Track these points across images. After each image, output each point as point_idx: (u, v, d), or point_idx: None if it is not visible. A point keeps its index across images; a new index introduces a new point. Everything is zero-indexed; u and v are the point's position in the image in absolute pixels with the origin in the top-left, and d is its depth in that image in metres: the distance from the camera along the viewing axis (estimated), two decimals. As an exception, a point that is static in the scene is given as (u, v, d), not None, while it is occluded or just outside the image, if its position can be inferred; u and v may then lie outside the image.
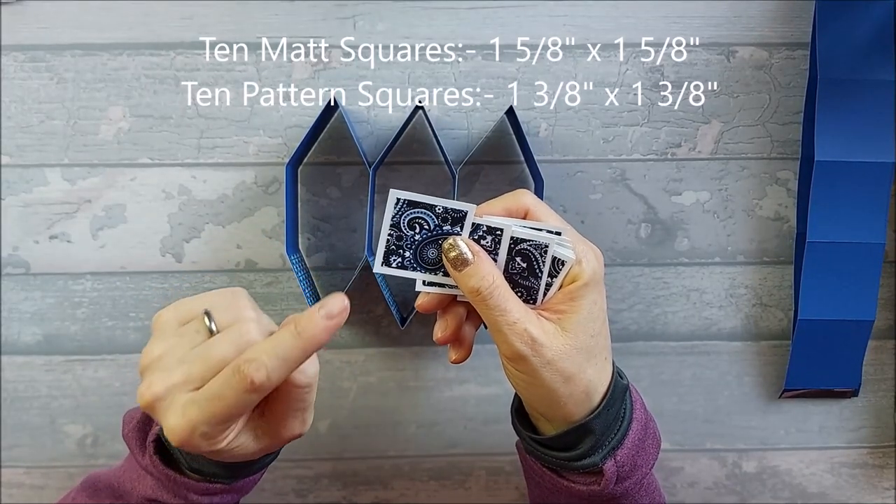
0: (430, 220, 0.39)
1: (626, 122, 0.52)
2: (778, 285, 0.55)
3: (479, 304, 0.39)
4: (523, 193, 0.41)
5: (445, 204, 0.39)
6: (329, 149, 0.52)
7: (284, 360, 0.33)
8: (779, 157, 0.53)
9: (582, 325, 0.39)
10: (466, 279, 0.39)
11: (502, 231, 0.39)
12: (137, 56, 0.50)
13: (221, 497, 0.41)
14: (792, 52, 0.52)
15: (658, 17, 0.51)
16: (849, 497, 0.58)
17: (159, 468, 0.40)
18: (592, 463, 0.40)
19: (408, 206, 0.39)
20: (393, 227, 0.40)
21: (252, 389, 0.32)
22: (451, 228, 0.40)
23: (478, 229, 0.40)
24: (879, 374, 0.56)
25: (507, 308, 0.38)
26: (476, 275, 0.38)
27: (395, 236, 0.40)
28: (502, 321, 0.38)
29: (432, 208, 0.39)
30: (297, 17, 0.50)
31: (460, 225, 0.39)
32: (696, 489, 0.57)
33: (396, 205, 0.39)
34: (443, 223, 0.40)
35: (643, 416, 0.42)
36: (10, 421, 0.54)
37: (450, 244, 0.39)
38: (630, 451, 0.40)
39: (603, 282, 0.40)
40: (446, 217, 0.39)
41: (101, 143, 0.51)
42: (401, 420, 0.56)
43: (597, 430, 0.40)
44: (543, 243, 0.39)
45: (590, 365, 0.39)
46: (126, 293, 0.53)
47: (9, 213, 0.52)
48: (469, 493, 0.57)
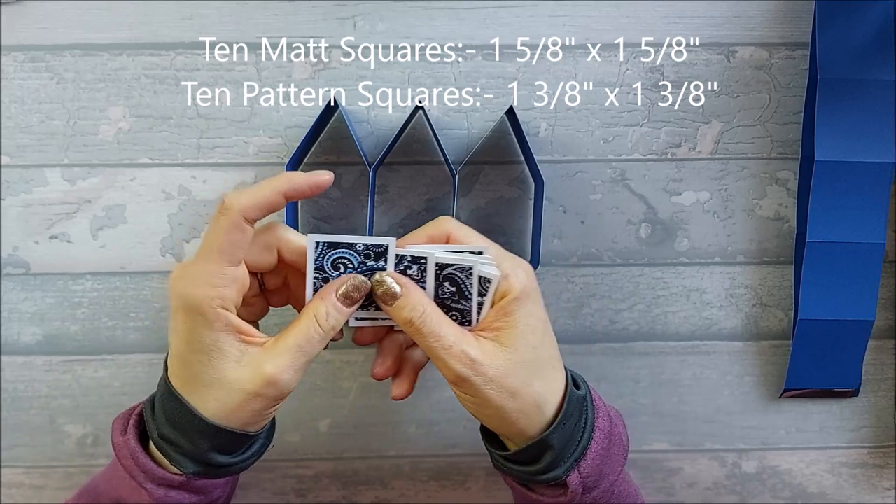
0: (352, 259, 0.40)
1: (626, 122, 0.52)
2: (778, 285, 0.55)
3: (414, 335, 0.39)
4: (444, 220, 0.41)
5: (365, 241, 0.40)
6: (329, 149, 0.52)
7: (257, 193, 0.37)
8: (779, 157, 0.53)
9: (520, 338, 0.39)
10: (398, 312, 0.39)
11: (426, 259, 0.40)
12: (137, 56, 0.50)
13: (178, 493, 0.40)
14: (792, 52, 0.52)
15: (658, 17, 0.51)
16: (849, 497, 0.58)
17: (131, 445, 0.40)
18: (556, 476, 0.40)
19: (328, 247, 0.39)
20: (317, 270, 0.40)
21: (221, 210, 0.37)
22: (376, 263, 0.40)
23: (402, 261, 0.40)
24: (879, 374, 0.56)
25: (441, 333, 0.39)
26: (406, 306, 0.39)
27: (321, 278, 0.40)
28: (438, 347, 0.39)
29: (353, 246, 0.40)
30: (297, 17, 0.50)
31: (384, 259, 0.40)
32: (695, 489, 0.58)
33: (316, 248, 0.39)
34: (366, 259, 0.40)
35: (606, 424, 0.42)
36: (10, 421, 0.54)
37: (377, 280, 0.40)
38: (594, 461, 0.40)
39: (538, 293, 0.41)
40: (368, 253, 0.40)
41: (101, 144, 0.51)
42: (401, 420, 0.56)
43: (556, 445, 0.40)
44: (467, 266, 0.40)
45: (536, 377, 0.40)
46: (126, 293, 0.53)
47: (9, 214, 0.52)
48: (469, 493, 0.57)
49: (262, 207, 0.38)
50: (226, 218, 0.37)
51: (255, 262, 0.39)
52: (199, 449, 0.39)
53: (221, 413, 0.38)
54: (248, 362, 0.38)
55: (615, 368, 0.55)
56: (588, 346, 0.55)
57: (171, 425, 0.39)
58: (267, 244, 0.39)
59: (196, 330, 0.37)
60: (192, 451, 0.39)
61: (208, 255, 0.37)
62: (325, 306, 0.39)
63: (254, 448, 0.42)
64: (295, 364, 0.38)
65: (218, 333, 0.37)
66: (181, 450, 0.39)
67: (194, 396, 0.38)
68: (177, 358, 0.39)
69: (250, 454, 0.42)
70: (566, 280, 0.54)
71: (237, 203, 0.37)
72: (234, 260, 0.37)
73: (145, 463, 0.39)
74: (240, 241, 0.37)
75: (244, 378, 0.37)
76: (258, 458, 0.43)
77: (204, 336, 0.37)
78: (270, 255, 0.40)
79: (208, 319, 0.37)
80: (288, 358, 0.38)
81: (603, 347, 0.55)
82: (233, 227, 0.37)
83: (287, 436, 0.55)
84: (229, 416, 0.38)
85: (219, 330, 0.37)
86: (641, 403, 0.56)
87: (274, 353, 0.38)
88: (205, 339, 0.37)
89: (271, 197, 0.38)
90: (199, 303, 0.37)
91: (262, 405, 0.38)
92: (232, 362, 0.38)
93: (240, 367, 0.38)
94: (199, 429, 0.38)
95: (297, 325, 0.38)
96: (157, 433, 0.40)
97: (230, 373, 0.37)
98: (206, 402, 0.38)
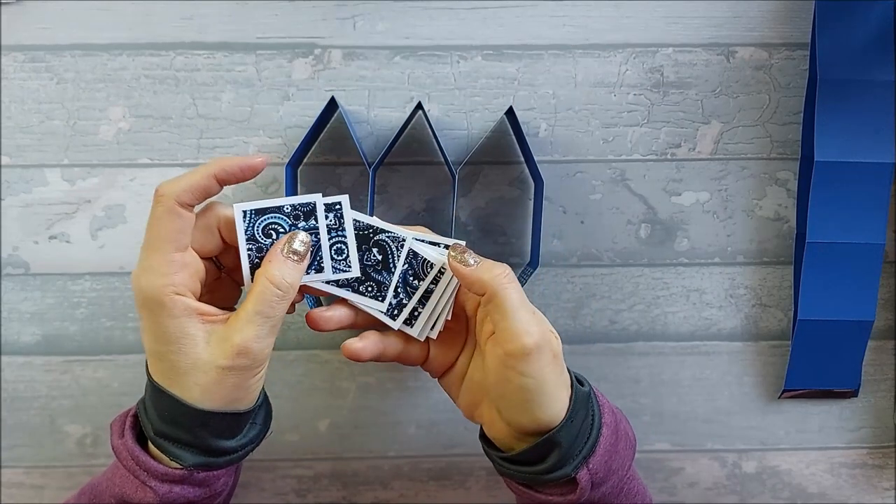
0: (282, 223, 0.40)
1: (626, 122, 0.52)
2: (778, 285, 0.55)
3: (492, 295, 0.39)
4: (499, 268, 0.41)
5: (291, 201, 0.40)
6: (329, 149, 0.52)
7: (188, 178, 0.38)
8: (779, 157, 0.53)
9: None
10: (485, 269, 0.40)
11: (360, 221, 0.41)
12: (137, 56, 0.50)
13: (182, 487, 0.40)
14: (792, 52, 0.52)
15: (658, 17, 0.51)
16: (848, 497, 0.58)
17: (129, 445, 0.40)
18: (565, 474, 0.40)
19: (256, 214, 0.40)
20: (250, 241, 0.40)
21: (156, 198, 0.38)
22: (306, 223, 0.40)
23: (329, 218, 0.40)
24: (879, 374, 0.56)
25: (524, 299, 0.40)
26: (494, 265, 0.40)
27: (254, 248, 0.40)
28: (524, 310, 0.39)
29: (280, 209, 0.40)
30: (297, 17, 0.50)
31: (314, 217, 0.40)
32: (696, 489, 0.58)
33: (244, 217, 0.40)
34: (296, 221, 0.40)
35: (612, 419, 0.42)
36: (10, 421, 0.54)
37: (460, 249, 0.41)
38: (602, 456, 0.41)
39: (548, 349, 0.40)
40: (297, 214, 0.40)
41: (101, 144, 0.51)
42: (401, 420, 0.56)
43: (563, 442, 0.40)
44: (401, 236, 0.41)
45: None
46: (125, 293, 0.53)
47: (9, 214, 0.52)
48: (469, 494, 0.57)
49: (194, 191, 0.38)
50: (161, 206, 0.38)
51: (201, 245, 0.40)
52: (198, 438, 0.39)
53: (204, 396, 0.38)
54: (216, 340, 0.38)
55: (615, 368, 0.55)
56: (588, 346, 0.55)
57: (164, 420, 0.39)
58: (207, 225, 0.40)
59: (160, 321, 0.38)
60: (192, 441, 0.39)
61: (153, 245, 0.38)
62: (276, 267, 0.39)
63: (251, 434, 0.42)
64: (261, 331, 0.38)
65: (180, 319, 0.38)
66: (180, 443, 0.39)
67: (177, 387, 0.39)
68: (151, 354, 0.40)
69: (248, 440, 0.42)
70: (566, 280, 0.54)
71: (169, 190, 0.38)
72: (180, 246, 0.38)
73: (146, 461, 0.40)
74: (180, 226, 0.38)
75: (216, 355, 0.38)
76: (257, 444, 0.43)
77: (168, 325, 0.38)
78: (213, 235, 0.40)
79: (167, 307, 0.37)
80: (253, 327, 0.38)
81: (603, 347, 0.55)
82: (169, 213, 0.38)
83: (287, 436, 0.55)
84: (212, 396, 0.38)
85: (180, 316, 0.38)
86: (641, 403, 0.56)
87: (238, 324, 0.38)
88: (170, 328, 0.38)
89: (202, 181, 0.38)
90: (154, 293, 0.37)
91: (238, 378, 0.39)
92: (202, 344, 0.38)
93: (210, 346, 0.38)
94: (190, 417, 0.39)
95: (253, 293, 0.39)
96: (152, 431, 0.40)
97: (202, 354, 0.38)
98: (189, 389, 0.38)
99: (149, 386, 0.40)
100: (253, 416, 0.42)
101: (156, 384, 0.39)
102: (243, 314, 0.38)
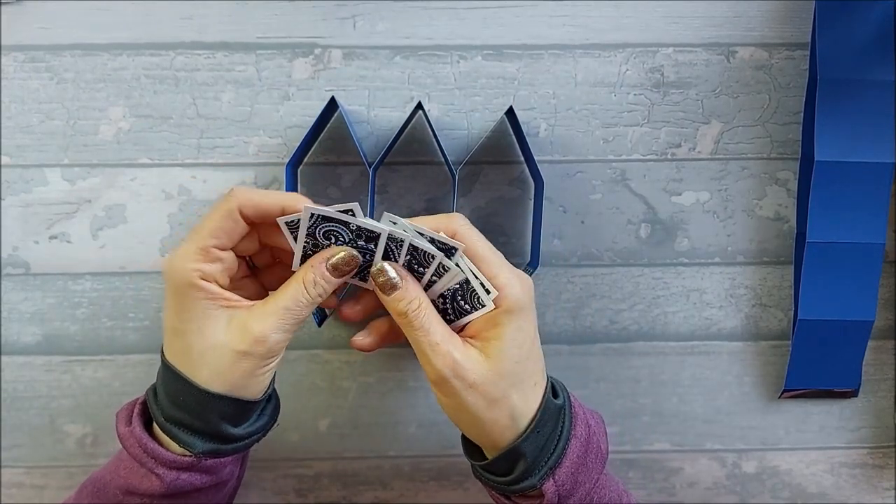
0: (344, 234, 0.41)
1: (626, 122, 0.52)
2: (778, 285, 0.55)
3: (405, 326, 0.40)
4: (456, 217, 0.42)
5: (360, 223, 0.40)
6: (329, 149, 0.52)
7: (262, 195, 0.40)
8: (779, 157, 0.53)
9: (505, 351, 0.40)
10: (395, 303, 0.40)
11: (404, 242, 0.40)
12: (137, 56, 0.50)
13: (189, 474, 0.40)
14: (792, 52, 0.52)
15: (658, 17, 0.51)
16: (849, 497, 0.58)
17: (137, 433, 0.40)
18: (531, 485, 0.40)
19: (322, 219, 0.40)
20: (309, 237, 0.41)
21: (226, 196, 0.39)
22: (366, 245, 0.41)
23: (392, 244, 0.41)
24: (879, 374, 0.56)
25: (431, 330, 0.40)
26: (404, 299, 0.40)
27: (310, 244, 0.41)
28: (426, 342, 0.39)
29: (347, 225, 0.40)
30: (297, 17, 0.50)
31: (374, 243, 0.40)
32: (695, 489, 0.58)
33: (311, 218, 0.40)
34: (357, 238, 0.41)
35: (584, 432, 0.42)
36: (10, 421, 0.54)
37: (378, 269, 0.41)
38: (569, 469, 0.41)
39: (531, 308, 0.41)
40: (360, 234, 0.40)
41: (101, 143, 0.51)
42: (401, 420, 0.56)
43: (528, 454, 0.40)
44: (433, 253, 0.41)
45: (515, 391, 0.40)
46: (126, 293, 0.53)
47: (9, 213, 0.52)
48: (468, 494, 0.57)
49: (259, 208, 0.39)
50: (225, 204, 0.39)
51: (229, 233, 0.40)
52: (208, 422, 0.40)
53: (215, 379, 0.39)
54: (237, 324, 0.39)
55: (615, 368, 0.55)
56: (588, 346, 0.55)
57: (175, 404, 0.40)
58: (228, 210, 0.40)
59: (184, 301, 0.39)
60: (201, 426, 0.40)
61: (198, 233, 0.39)
62: (314, 274, 0.40)
63: (259, 423, 0.43)
64: (282, 325, 0.39)
65: (204, 301, 0.39)
66: (190, 428, 0.40)
67: (188, 367, 0.39)
68: (170, 331, 0.40)
69: (256, 428, 0.42)
70: (566, 280, 0.54)
71: (240, 195, 0.39)
72: (221, 244, 0.39)
73: (154, 448, 0.40)
74: (230, 229, 0.39)
75: (234, 339, 0.39)
76: (264, 433, 0.43)
77: (192, 306, 0.39)
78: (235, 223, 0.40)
79: (193, 289, 0.38)
80: (275, 319, 0.39)
81: (603, 347, 0.55)
82: (227, 214, 0.39)
83: (287, 435, 0.55)
84: (223, 379, 0.39)
85: (204, 298, 0.39)
86: (641, 403, 0.56)
87: (262, 313, 0.39)
88: (193, 308, 0.39)
89: (271, 204, 0.40)
90: (184, 276, 0.38)
91: (251, 364, 0.39)
92: (222, 327, 0.39)
93: (229, 329, 0.39)
94: (199, 400, 0.39)
95: (287, 289, 0.40)
96: (162, 416, 0.40)
97: (220, 336, 0.39)
98: (200, 370, 0.39)
99: (162, 369, 0.41)
100: (260, 409, 0.42)
101: (168, 364, 0.40)
102: (269, 306, 0.39)
